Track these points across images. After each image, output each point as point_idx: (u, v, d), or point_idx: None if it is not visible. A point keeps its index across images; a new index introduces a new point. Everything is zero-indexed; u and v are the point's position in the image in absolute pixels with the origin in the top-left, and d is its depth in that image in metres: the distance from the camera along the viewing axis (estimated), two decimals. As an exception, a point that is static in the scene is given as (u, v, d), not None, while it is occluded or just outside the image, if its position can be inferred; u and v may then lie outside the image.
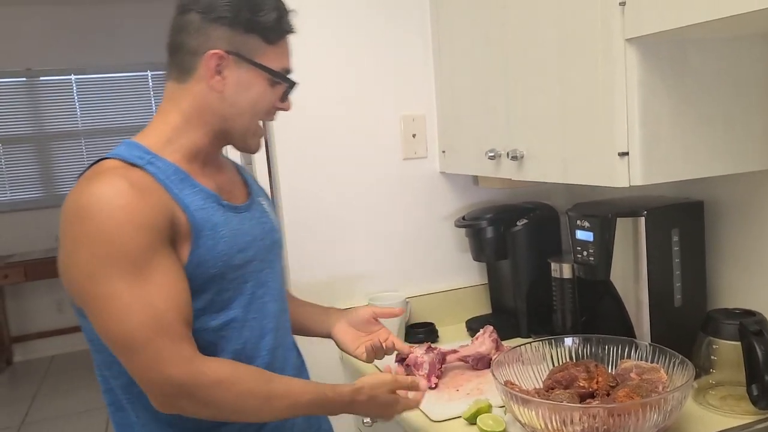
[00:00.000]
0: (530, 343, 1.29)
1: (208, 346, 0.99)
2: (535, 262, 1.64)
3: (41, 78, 4.84)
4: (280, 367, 1.10)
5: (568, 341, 1.28)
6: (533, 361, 1.29)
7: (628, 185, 1.10)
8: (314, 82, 1.66)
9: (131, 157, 0.98)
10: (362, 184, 1.74)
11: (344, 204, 1.73)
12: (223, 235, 1.01)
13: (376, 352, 1.29)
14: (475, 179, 1.83)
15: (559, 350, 1.30)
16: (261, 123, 1.09)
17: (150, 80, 5.04)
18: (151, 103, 5.06)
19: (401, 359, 1.45)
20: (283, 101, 1.08)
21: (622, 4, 1.05)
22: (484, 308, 1.85)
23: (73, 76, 4.89)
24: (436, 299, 1.82)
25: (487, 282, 1.83)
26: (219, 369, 0.94)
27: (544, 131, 1.29)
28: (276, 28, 1.03)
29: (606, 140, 1.12)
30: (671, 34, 1.00)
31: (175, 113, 1.03)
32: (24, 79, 4.80)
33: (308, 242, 1.71)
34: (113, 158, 0.98)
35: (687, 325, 1.31)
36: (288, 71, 1.07)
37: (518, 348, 1.27)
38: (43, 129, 4.87)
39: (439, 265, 1.84)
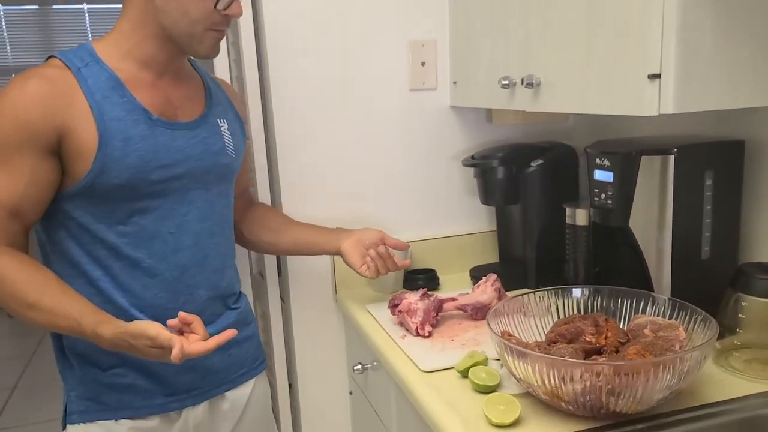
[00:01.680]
0: (534, 292, 1.16)
1: (111, 249, 1.05)
2: (549, 207, 1.50)
3: (53, 6, 4.70)
4: (190, 285, 1.10)
5: (577, 292, 1.15)
6: (537, 313, 1.17)
7: (657, 113, 0.94)
8: (312, 5, 1.50)
9: (71, 59, 1.03)
10: (363, 116, 1.59)
11: (342, 138, 1.59)
12: (138, 148, 1.02)
13: (378, 266, 1.31)
14: (489, 115, 1.67)
15: (566, 301, 1.17)
16: (215, 27, 1.07)
17: None
18: None
19: (394, 305, 1.34)
20: (219, 7, 1.04)
21: None
22: (491, 256, 1.71)
23: (85, 6, 4.75)
24: (439, 245, 1.69)
25: (494, 229, 1.70)
26: None
27: (565, 54, 1.13)
28: None
29: (635, 60, 0.96)
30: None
31: (125, 20, 1.07)
32: (36, 7, 4.67)
33: (301, 178, 1.58)
34: (57, 57, 1.04)
35: (714, 281, 1.16)
36: None
37: (520, 297, 1.15)
38: (55, 60, 4.75)
39: (443, 208, 1.70)
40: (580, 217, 1.40)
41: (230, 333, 0.97)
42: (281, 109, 1.54)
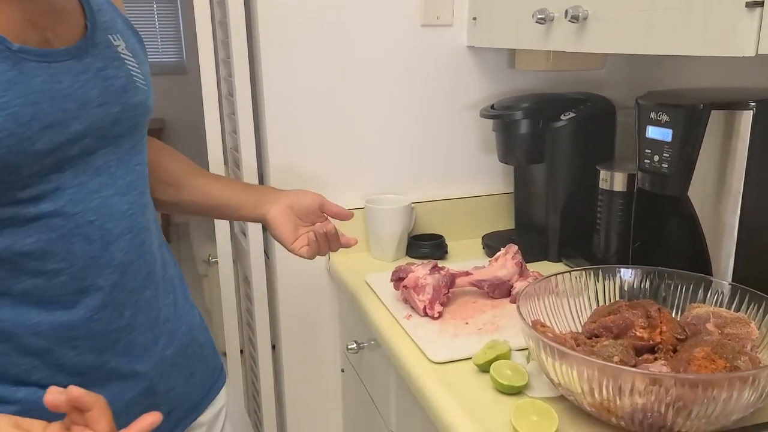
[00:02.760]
0: (568, 272, 0.96)
1: (5, 266, 0.67)
2: (579, 168, 1.29)
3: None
4: (133, 291, 0.77)
5: (624, 274, 0.95)
6: (570, 293, 0.98)
7: (754, 53, 0.73)
8: None
9: None
10: (365, 54, 1.37)
11: (341, 78, 1.36)
12: (6, 103, 0.63)
13: (321, 246, 1.02)
14: (511, 59, 1.44)
15: (607, 283, 0.97)
16: None
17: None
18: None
19: (398, 279, 1.14)
20: None
21: None
22: (506, 222, 1.51)
23: None
24: (448, 207, 1.48)
25: (512, 191, 1.49)
26: None
27: (624, -22, 0.90)
28: None
29: (727, -16, 0.74)
30: None
31: None
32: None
33: (292, 122, 1.36)
34: None
35: (785, 265, 0.98)
36: None
37: (552, 278, 0.95)
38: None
39: (454, 165, 1.49)
40: (617, 181, 1.20)
41: (154, 418, 0.59)
42: (270, 48, 1.31)
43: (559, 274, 0.96)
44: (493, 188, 1.52)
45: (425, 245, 1.39)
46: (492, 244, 1.39)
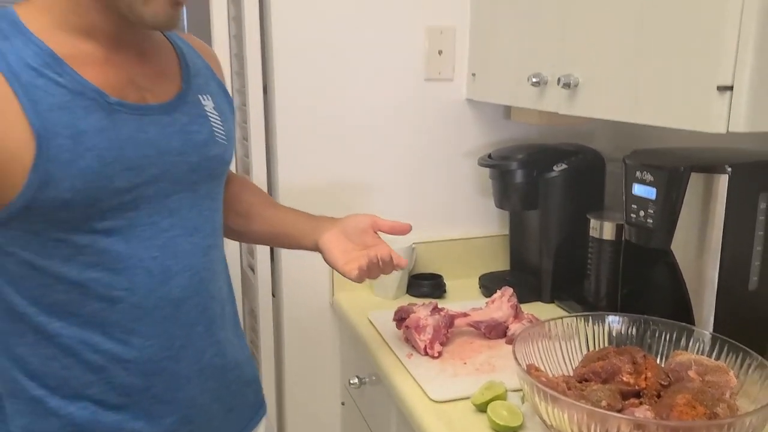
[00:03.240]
0: (561, 318, 1.04)
1: (75, 290, 0.76)
2: (570, 215, 1.38)
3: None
4: (186, 324, 0.84)
5: (612, 320, 1.03)
6: (563, 337, 1.05)
7: (725, 131, 0.82)
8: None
9: None
10: (374, 103, 1.46)
11: (350, 127, 1.45)
12: (94, 145, 0.73)
13: (371, 271, 1.01)
14: (507, 111, 1.54)
15: (596, 328, 1.05)
16: None
17: None
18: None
19: (400, 318, 1.22)
20: None
21: None
22: (502, 263, 1.59)
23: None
24: (447, 248, 1.56)
25: (506, 233, 1.57)
26: None
27: (613, 53, 1.00)
28: None
29: (702, 68, 0.83)
30: None
31: None
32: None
33: (303, 169, 1.44)
34: None
35: (760, 315, 1.06)
36: None
37: (546, 323, 1.03)
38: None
39: (453, 208, 1.57)
40: (606, 230, 1.28)
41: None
42: (284, 94, 1.40)
43: (552, 320, 1.04)
44: (489, 230, 1.60)
45: (425, 284, 1.47)
46: (488, 284, 1.47)
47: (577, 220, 1.35)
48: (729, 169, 0.98)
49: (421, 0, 1.43)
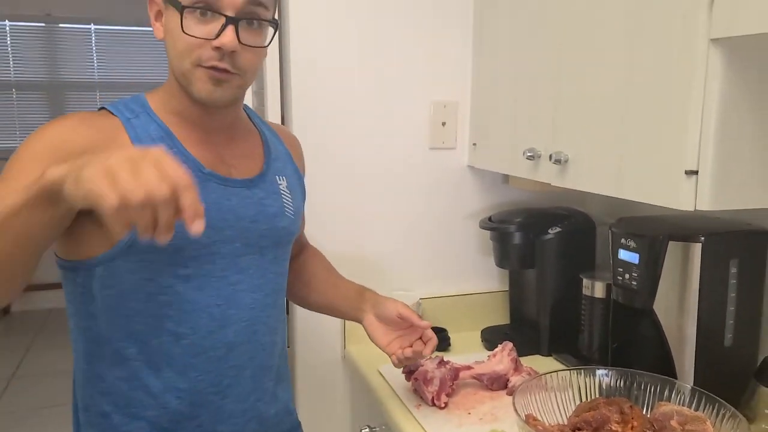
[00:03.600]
0: (556, 372, 1.15)
1: (150, 321, 0.93)
2: (565, 274, 1.50)
3: (60, 24, 4.69)
4: (235, 366, 0.98)
5: (601, 373, 1.14)
6: (558, 388, 1.16)
7: (693, 209, 0.95)
8: (340, 58, 1.51)
9: (120, 109, 0.94)
10: (383, 171, 1.60)
11: (361, 191, 1.59)
12: None
13: (409, 360, 1.17)
14: (505, 177, 1.67)
15: (588, 380, 1.16)
16: (203, 63, 0.90)
17: None
18: None
19: (409, 371, 1.32)
20: (184, 29, 0.88)
21: (712, -3, 0.88)
22: (502, 317, 1.71)
23: (92, 26, 4.74)
24: (450, 303, 1.68)
25: (506, 290, 1.69)
26: None
27: (598, 136, 1.14)
28: None
29: (672, 154, 0.97)
30: (765, 36, 0.83)
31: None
32: (43, 24, 4.66)
33: (316, 230, 1.57)
34: (107, 108, 0.95)
35: (735, 369, 1.17)
36: None
37: (543, 377, 1.13)
38: (58, 77, 4.74)
39: (456, 266, 1.69)
40: (597, 289, 1.40)
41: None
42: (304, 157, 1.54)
43: (548, 373, 1.14)
44: (488, 286, 1.72)
45: (431, 338, 1.57)
46: (490, 338, 1.58)
47: (571, 278, 1.47)
48: (702, 239, 1.11)
49: (429, 77, 1.59)
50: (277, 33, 0.98)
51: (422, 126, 1.61)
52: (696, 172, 0.94)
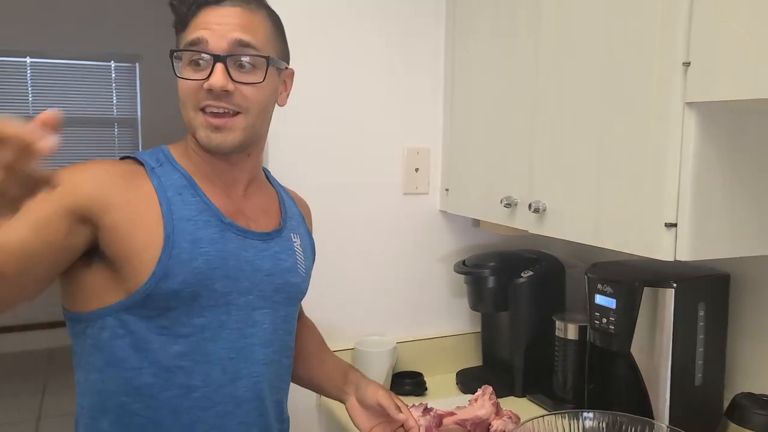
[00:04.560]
0: (542, 417, 1.18)
1: (162, 373, 0.91)
2: (537, 316, 1.55)
3: (-6, 58, 4.52)
4: (243, 423, 0.98)
5: (588, 417, 1.18)
6: (542, 431, 1.19)
7: (673, 259, 1.01)
8: (315, 106, 1.54)
9: (145, 158, 0.96)
10: (357, 217, 1.61)
11: (336, 237, 1.60)
12: (206, 252, 0.93)
13: None
14: (476, 221, 1.72)
15: (572, 423, 1.19)
16: (201, 107, 0.94)
17: (113, 71, 4.79)
18: (112, 95, 4.81)
19: (394, 419, 1.32)
20: (177, 72, 0.94)
21: (686, 64, 0.96)
22: (474, 359, 1.74)
23: (28, 59, 4.58)
24: (424, 346, 1.70)
25: (478, 331, 1.73)
26: None
27: (575, 188, 1.20)
28: (180, 14, 0.95)
29: (652, 208, 1.03)
30: (735, 102, 0.91)
31: None
32: (-25, 56, 4.47)
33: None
34: (130, 157, 0.98)
35: (705, 407, 1.23)
36: (194, 42, 0.92)
37: (531, 422, 1.16)
38: (-8, 111, 4.54)
39: (429, 309, 1.72)
40: (570, 331, 1.45)
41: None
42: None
43: (534, 418, 1.17)
44: (461, 329, 1.75)
45: (407, 383, 1.59)
46: (465, 381, 1.60)
47: (543, 320, 1.52)
48: (675, 285, 1.18)
49: (402, 124, 1.63)
50: (276, 68, 0.99)
51: (397, 172, 1.64)
52: (675, 225, 1.00)
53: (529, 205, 1.27)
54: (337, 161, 1.58)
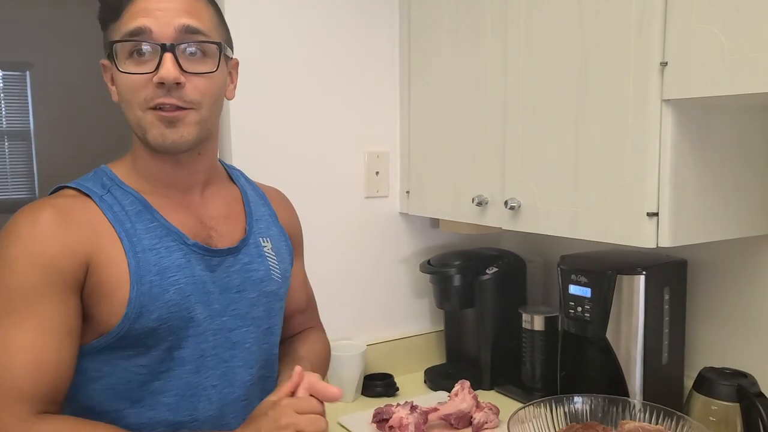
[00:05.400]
0: (531, 405, 1.22)
1: (144, 414, 0.86)
2: (502, 311, 1.60)
3: None
4: None
5: (577, 400, 1.23)
6: (526, 419, 1.23)
7: (655, 246, 1.09)
8: (276, 112, 1.51)
9: (88, 187, 0.88)
10: (320, 220, 1.59)
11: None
12: (176, 281, 0.86)
13: None
14: (435, 222, 1.76)
15: (559, 408, 1.24)
16: (151, 104, 0.85)
17: (0, 81, 4.42)
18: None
19: (381, 420, 1.33)
20: (120, 67, 0.84)
21: (664, 64, 1.04)
22: (439, 357, 1.76)
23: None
24: (392, 347, 1.70)
25: (441, 329, 1.76)
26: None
27: (551, 183, 1.25)
28: (108, 4, 0.86)
29: (633, 199, 1.11)
30: (707, 98, 1.00)
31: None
32: None
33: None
34: (71, 187, 0.89)
35: (671, 383, 1.33)
36: (135, 32, 0.83)
37: (521, 411, 1.20)
38: None
39: (394, 310, 1.73)
40: (537, 322, 1.51)
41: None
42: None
43: (523, 408, 1.21)
44: (425, 328, 1.77)
45: (378, 384, 1.58)
46: (433, 378, 1.63)
47: (509, 314, 1.58)
48: (644, 272, 1.27)
49: (361, 128, 1.63)
50: (225, 56, 0.91)
51: (358, 176, 1.64)
52: (657, 214, 1.08)
53: (505, 203, 1.32)
54: (298, 167, 1.55)
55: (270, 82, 1.49)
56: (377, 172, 1.67)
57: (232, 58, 0.95)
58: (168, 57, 0.81)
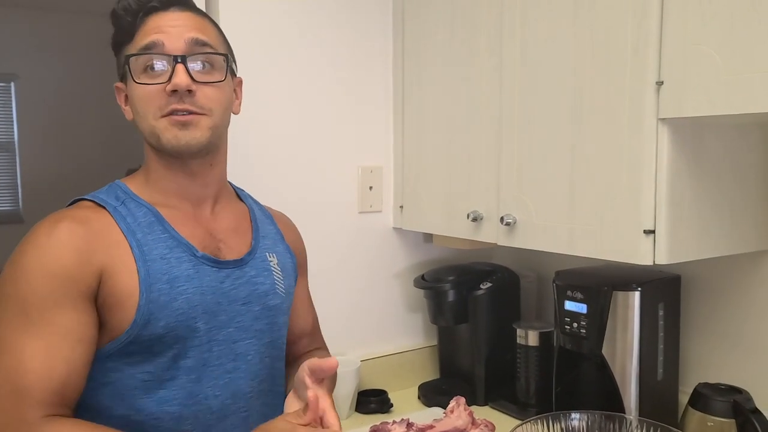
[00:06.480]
0: (528, 422, 1.22)
1: (147, 422, 0.88)
2: (496, 326, 1.60)
3: None
4: None
5: (574, 416, 1.23)
6: (524, 438, 1.23)
7: (652, 263, 1.09)
8: (270, 126, 1.51)
9: (103, 199, 0.93)
10: (314, 237, 1.58)
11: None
12: (185, 290, 0.90)
13: None
14: (428, 236, 1.75)
15: (555, 426, 1.24)
16: (165, 111, 0.91)
17: (13, 92, 4.37)
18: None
19: (377, 437, 1.31)
20: (135, 77, 0.90)
21: (659, 83, 1.05)
22: (432, 372, 1.76)
23: None
24: (385, 362, 1.70)
25: (434, 344, 1.75)
26: None
27: (547, 200, 1.26)
28: (124, 24, 0.92)
29: (629, 217, 1.11)
30: (701, 117, 1.01)
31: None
32: None
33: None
34: (87, 199, 0.93)
35: (666, 399, 1.33)
36: (148, 46, 0.90)
37: (520, 428, 1.20)
38: None
39: (388, 325, 1.72)
40: (531, 337, 1.51)
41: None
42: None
43: (521, 424, 1.21)
44: (418, 343, 1.77)
45: (372, 401, 1.57)
46: (427, 393, 1.62)
47: (503, 329, 1.57)
48: (639, 288, 1.27)
49: (355, 143, 1.63)
50: (233, 66, 0.99)
51: (351, 191, 1.64)
52: (653, 231, 1.09)
53: (501, 219, 1.32)
54: (291, 182, 1.55)
55: (263, 96, 1.49)
56: (371, 187, 1.66)
57: (236, 75, 1.02)
58: (180, 67, 0.88)
